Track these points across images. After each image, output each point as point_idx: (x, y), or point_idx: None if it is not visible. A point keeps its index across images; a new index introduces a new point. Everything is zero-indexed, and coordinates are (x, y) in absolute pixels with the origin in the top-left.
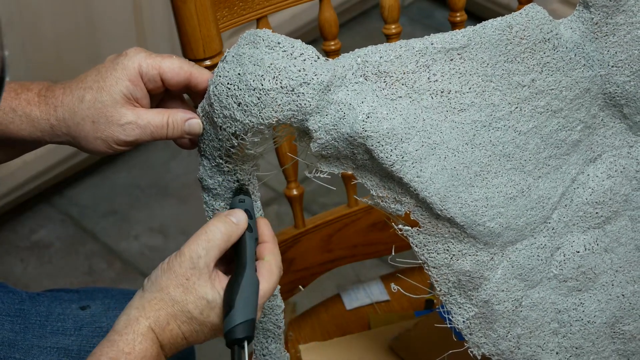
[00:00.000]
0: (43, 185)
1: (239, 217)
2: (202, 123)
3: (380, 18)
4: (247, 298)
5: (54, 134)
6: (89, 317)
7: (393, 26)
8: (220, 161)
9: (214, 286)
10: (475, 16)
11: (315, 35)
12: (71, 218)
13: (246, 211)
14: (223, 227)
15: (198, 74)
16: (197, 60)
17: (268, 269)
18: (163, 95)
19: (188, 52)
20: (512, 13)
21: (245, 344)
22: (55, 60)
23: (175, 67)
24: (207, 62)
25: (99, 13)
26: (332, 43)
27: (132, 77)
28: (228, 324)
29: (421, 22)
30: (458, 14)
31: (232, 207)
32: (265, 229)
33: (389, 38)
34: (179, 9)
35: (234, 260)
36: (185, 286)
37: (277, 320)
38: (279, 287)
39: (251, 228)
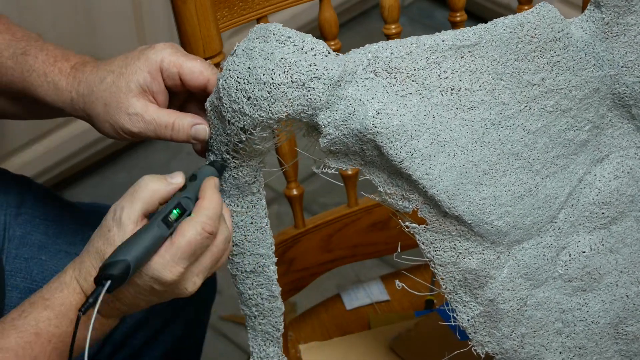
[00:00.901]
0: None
1: (173, 177)
2: (210, 117)
3: (380, 18)
4: (131, 243)
5: (73, 108)
6: None
7: (393, 26)
8: (227, 156)
9: None
10: (476, 16)
11: (315, 35)
12: None
13: (192, 175)
14: (152, 183)
15: (215, 82)
16: None
17: (188, 222)
18: (186, 96)
19: (188, 52)
20: (524, 11)
21: (108, 283)
22: None
23: (195, 70)
24: None
25: (99, 13)
26: (332, 43)
27: (152, 70)
28: (101, 265)
29: (421, 22)
30: (458, 14)
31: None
32: (206, 186)
33: (389, 38)
34: (179, 9)
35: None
36: (106, 237)
37: (276, 322)
38: (280, 289)
39: (185, 188)
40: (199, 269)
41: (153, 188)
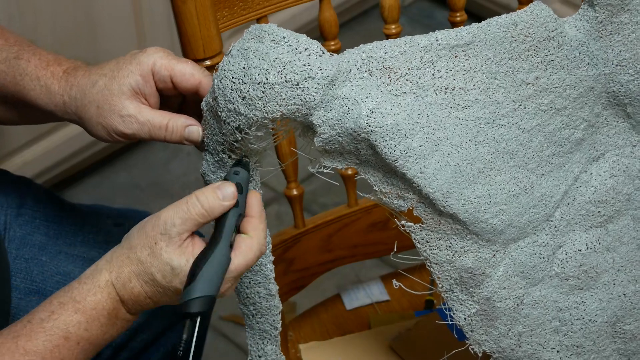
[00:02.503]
0: (43, 185)
1: (225, 193)
2: (206, 117)
3: (380, 18)
4: (211, 273)
5: (65, 111)
6: (119, 235)
7: (393, 26)
8: (224, 156)
9: (183, 254)
10: (475, 16)
11: (315, 35)
12: None
13: (238, 185)
14: (206, 202)
15: (207, 84)
16: (197, 61)
17: (247, 244)
18: (180, 100)
19: (188, 52)
20: (517, 10)
21: (198, 319)
22: None
23: (186, 73)
24: (207, 62)
25: (99, 13)
26: (332, 43)
27: (144, 73)
28: (185, 296)
29: (421, 22)
30: (458, 14)
31: (226, 178)
32: (254, 203)
33: (388, 38)
34: (179, 9)
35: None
36: (152, 249)
37: (274, 321)
38: (277, 287)
39: (237, 203)
40: (238, 281)
41: (207, 207)
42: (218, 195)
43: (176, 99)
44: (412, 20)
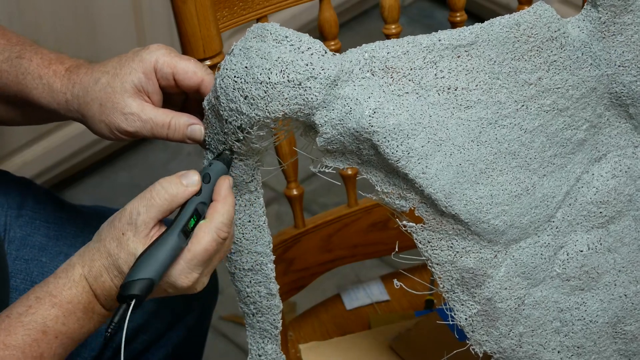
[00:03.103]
0: (43, 185)
1: (189, 180)
2: (208, 116)
3: (380, 18)
4: (154, 258)
5: (67, 109)
6: None
7: (393, 26)
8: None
9: (146, 244)
10: (476, 16)
11: (315, 36)
12: None
13: (206, 175)
14: (169, 188)
15: (209, 82)
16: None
17: (202, 228)
18: (183, 99)
19: (188, 52)
20: (520, 11)
21: (133, 302)
22: None
23: (189, 71)
24: (207, 62)
25: (99, 13)
26: (332, 43)
27: (147, 71)
28: (125, 279)
29: (421, 22)
30: (458, 14)
31: (204, 169)
32: (220, 187)
33: (388, 38)
34: (179, 9)
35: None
36: (119, 240)
37: (274, 320)
38: (278, 286)
39: (200, 191)
40: (208, 270)
41: (171, 193)
42: (182, 182)
43: (179, 96)
44: (412, 20)
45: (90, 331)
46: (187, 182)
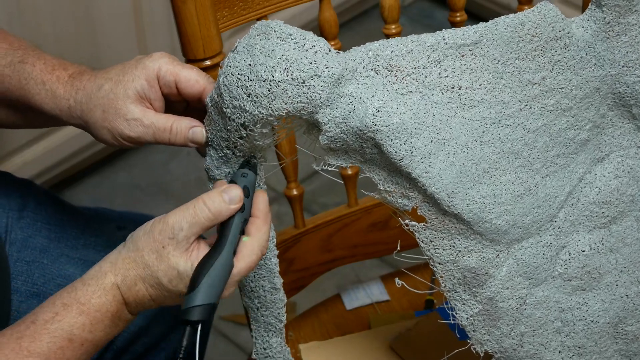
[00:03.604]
0: (43, 185)
1: (232, 196)
2: (211, 113)
3: (380, 18)
4: (214, 281)
5: (70, 115)
6: (122, 238)
7: (393, 26)
8: (228, 152)
9: (189, 258)
10: (476, 16)
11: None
12: None
13: (245, 188)
14: (213, 206)
15: (211, 91)
16: (197, 60)
17: (248, 247)
18: (184, 107)
19: (188, 52)
20: (525, 10)
21: (199, 327)
22: None
23: (191, 79)
24: (207, 62)
25: (99, 13)
26: (332, 43)
27: (150, 78)
28: (186, 304)
29: (421, 22)
30: (458, 14)
31: (232, 179)
32: (260, 203)
33: (388, 38)
34: (179, 9)
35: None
36: (159, 253)
37: (279, 314)
38: (282, 280)
39: (244, 207)
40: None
41: (214, 211)
42: (225, 199)
43: (180, 104)
44: (412, 20)
45: (113, 336)
46: (229, 199)
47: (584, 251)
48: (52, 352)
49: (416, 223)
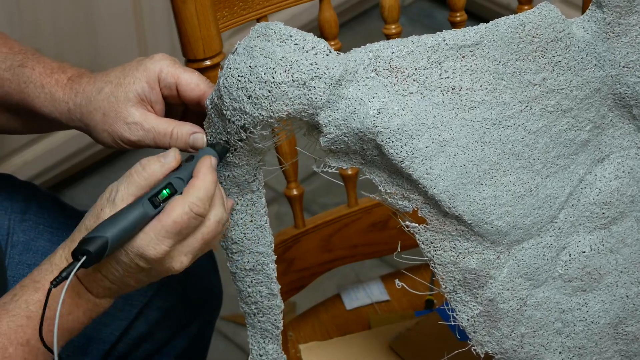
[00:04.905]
0: (43, 185)
1: (168, 158)
2: (211, 115)
3: (380, 18)
4: (115, 221)
5: (70, 118)
6: None
7: (393, 26)
8: (227, 154)
9: None
10: (476, 16)
11: (315, 36)
12: None
13: (190, 157)
14: (148, 165)
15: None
16: (197, 61)
17: (176, 201)
18: (183, 110)
19: (188, 52)
20: (525, 11)
21: (84, 258)
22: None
23: (192, 83)
24: (207, 62)
25: (99, 13)
26: (332, 43)
27: (150, 80)
28: (80, 242)
29: (421, 22)
30: (458, 14)
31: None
32: (201, 165)
33: (388, 38)
34: (179, 9)
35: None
36: (97, 216)
37: (275, 320)
38: (279, 286)
39: (180, 168)
40: (186, 249)
41: (149, 171)
42: (161, 160)
43: (179, 107)
44: (412, 20)
45: (80, 319)
46: (165, 160)
47: (584, 252)
48: (12, 330)
49: (417, 225)
